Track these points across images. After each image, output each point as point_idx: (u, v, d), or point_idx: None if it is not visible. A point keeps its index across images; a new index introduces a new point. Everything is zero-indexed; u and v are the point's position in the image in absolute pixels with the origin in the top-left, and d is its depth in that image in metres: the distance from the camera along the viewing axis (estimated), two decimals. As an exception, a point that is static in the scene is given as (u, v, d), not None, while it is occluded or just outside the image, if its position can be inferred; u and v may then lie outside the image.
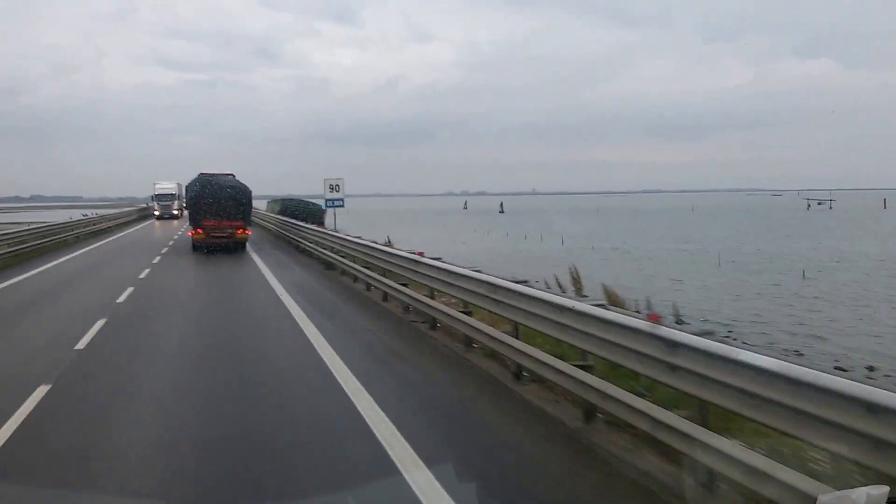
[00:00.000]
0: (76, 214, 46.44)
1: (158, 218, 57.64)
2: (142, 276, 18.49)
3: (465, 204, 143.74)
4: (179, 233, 36.12)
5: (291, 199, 55.99)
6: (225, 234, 26.58)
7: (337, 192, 25.72)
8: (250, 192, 28.31)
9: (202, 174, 28.55)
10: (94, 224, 40.69)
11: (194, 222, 27.21)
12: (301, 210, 45.36)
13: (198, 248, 26.72)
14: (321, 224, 35.19)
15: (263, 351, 10.12)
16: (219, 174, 28.85)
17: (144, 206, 69.33)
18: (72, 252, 27.41)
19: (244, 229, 27.24)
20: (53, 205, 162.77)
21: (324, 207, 36.85)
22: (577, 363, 6.59)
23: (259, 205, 65.74)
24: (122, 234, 41.31)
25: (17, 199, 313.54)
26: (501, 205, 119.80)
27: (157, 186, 60.55)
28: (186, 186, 29.36)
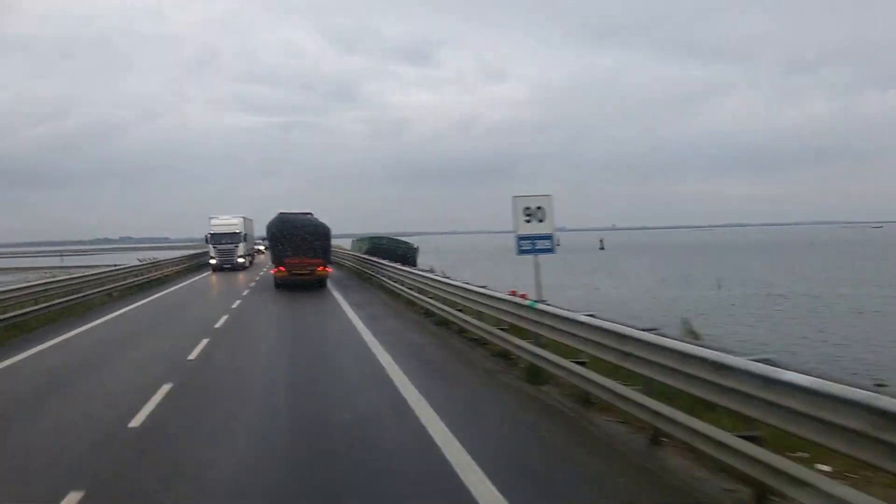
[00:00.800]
0: (148, 257, 40.15)
1: (216, 269, 40.80)
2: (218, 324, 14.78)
3: (558, 241, 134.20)
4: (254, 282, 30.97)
5: (380, 238, 50.20)
6: (306, 272, 27.33)
7: (539, 221, 11.87)
8: (329, 229, 28.95)
9: (281, 213, 29.11)
10: (138, 275, 30.32)
11: (276, 260, 28.09)
12: (391, 249, 40.27)
13: (280, 285, 27.36)
14: (413, 264, 32.57)
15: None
16: (297, 213, 29.47)
17: (195, 251, 49.02)
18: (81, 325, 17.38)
19: (325, 266, 28.15)
20: (140, 246, 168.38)
21: (518, 251, 28.50)
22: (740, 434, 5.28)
23: (342, 243, 64.30)
24: (175, 287, 30.96)
25: (107, 240, 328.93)
26: (602, 241, 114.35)
27: (214, 222, 41.95)
28: (267, 225, 29.48)
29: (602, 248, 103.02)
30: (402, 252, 39.41)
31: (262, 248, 64.50)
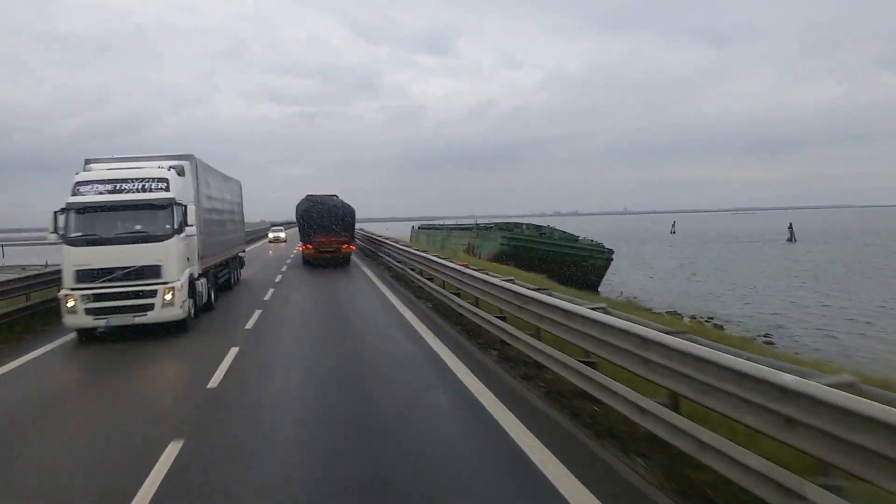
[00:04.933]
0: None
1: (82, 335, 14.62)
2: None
3: (673, 227, 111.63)
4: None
5: (520, 233, 38.09)
6: (332, 249, 29.52)
7: None
8: (354, 210, 30.57)
9: (309, 195, 31.33)
10: None
11: (305, 238, 30.19)
12: (555, 253, 31.54)
13: (308, 262, 29.94)
14: (594, 285, 30.00)
15: None
16: (324, 195, 31.67)
17: None
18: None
19: (349, 244, 30.50)
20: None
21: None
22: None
23: (378, 228, 61.94)
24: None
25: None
26: (673, 225, 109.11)
27: (85, 176, 14.37)
28: (296, 206, 31.27)
29: (673, 233, 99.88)
30: (582, 260, 32.13)
31: (281, 234, 62.63)
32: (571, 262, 30.40)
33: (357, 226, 33.49)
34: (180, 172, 15.12)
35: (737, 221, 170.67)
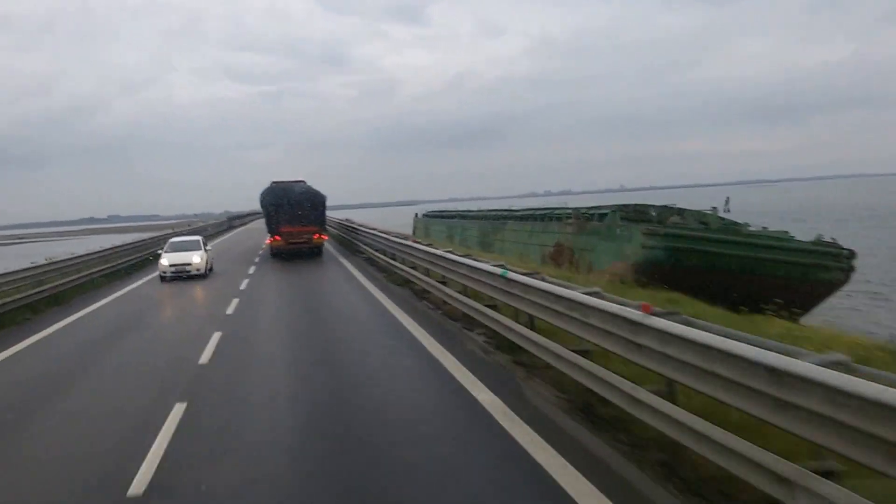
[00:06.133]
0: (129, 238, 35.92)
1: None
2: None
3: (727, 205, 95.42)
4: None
5: (670, 212, 25.73)
6: (302, 240, 28.21)
7: None
8: (324, 197, 28.99)
9: (274, 182, 29.21)
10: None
11: (272, 230, 28.67)
12: (782, 255, 19.19)
13: (277, 254, 28.38)
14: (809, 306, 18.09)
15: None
16: (291, 181, 29.56)
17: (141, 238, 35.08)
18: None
19: (320, 234, 28.99)
20: (128, 225, 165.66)
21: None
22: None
23: (359, 217, 50.10)
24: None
25: (92, 219, 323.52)
26: (727, 201, 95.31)
27: None
28: (260, 195, 29.40)
29: (727, 211, 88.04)
30: (803, 274, 18.54)
31: (185, 258, 28.31)
32: (781, 277, 18.19)
33: (330, 213, 32.12)
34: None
35: (756, 194, 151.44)
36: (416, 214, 58.00)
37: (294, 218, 28.07)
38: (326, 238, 31.06)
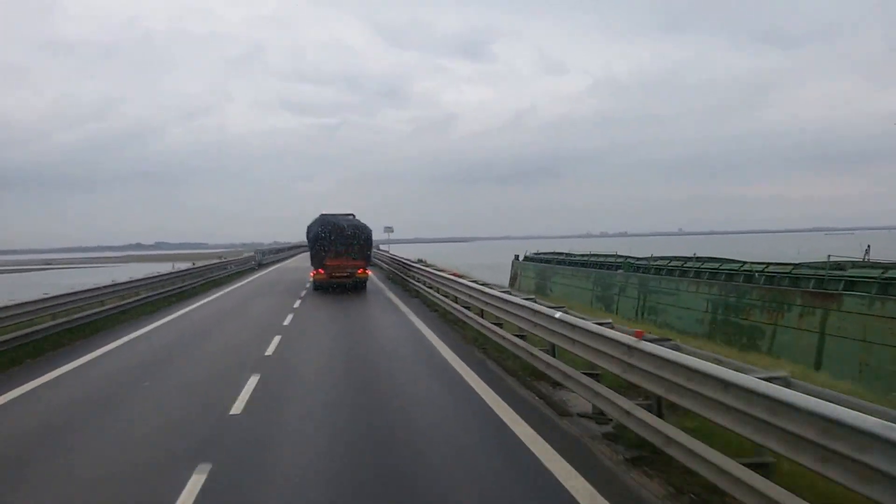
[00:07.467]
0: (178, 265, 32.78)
1: None
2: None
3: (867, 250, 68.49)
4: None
5: None
6: (345, 274, 28.12)
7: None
8: (370, 231, 29.72)
9: (323, 215, 29.51)
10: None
11: (316, 262, 28.65)
12: None
13: (319, 287, 28.25)
14: None
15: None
16: (339, 214, 29.74)
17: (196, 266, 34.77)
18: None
19: (365, 269, 28.96)
20: (174, 252, 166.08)
21: None
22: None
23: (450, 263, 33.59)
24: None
25: (139, 245, 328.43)
26: (867, 250, 76.18)
27: None
28: (308, 226, 29.79)
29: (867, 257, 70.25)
30: None
31: None
32: None
33: (384, 248, 32.33)
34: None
35: (835, 242, 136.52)
36: (516, 257, 47.57)
37: (339, 252, 28.06)
38: (370, 273, 30.88)
